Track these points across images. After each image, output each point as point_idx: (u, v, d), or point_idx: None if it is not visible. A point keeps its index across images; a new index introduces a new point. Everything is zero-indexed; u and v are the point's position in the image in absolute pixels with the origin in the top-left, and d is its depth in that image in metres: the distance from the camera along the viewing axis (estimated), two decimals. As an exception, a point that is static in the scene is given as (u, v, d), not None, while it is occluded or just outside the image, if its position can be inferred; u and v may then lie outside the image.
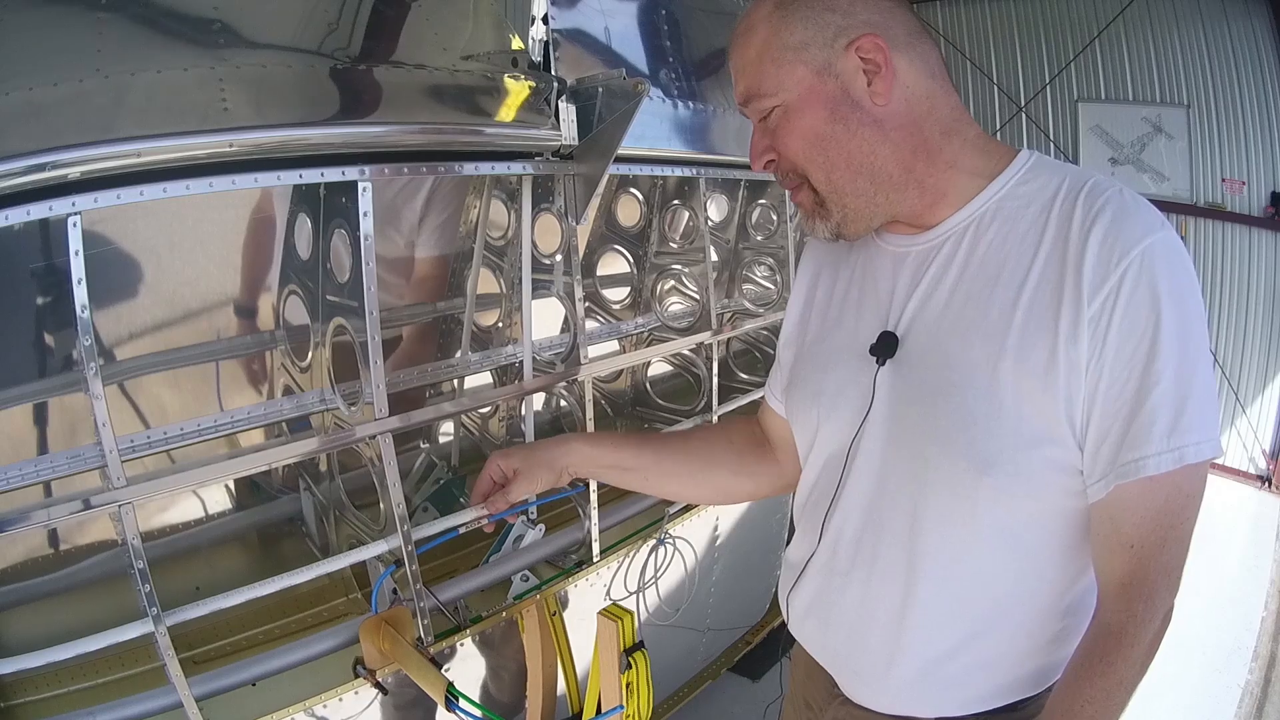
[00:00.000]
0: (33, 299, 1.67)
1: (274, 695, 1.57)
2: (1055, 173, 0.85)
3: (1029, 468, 0.81)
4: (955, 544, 0.86)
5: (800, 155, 0.86)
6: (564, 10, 1.88)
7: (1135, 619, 0.79)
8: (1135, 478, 0.77)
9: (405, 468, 2.31)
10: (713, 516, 2.51)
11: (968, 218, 0.87)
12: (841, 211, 0.88)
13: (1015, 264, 0.82)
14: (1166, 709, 2.85)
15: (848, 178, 0.86)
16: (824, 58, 0.83)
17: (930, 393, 0.86)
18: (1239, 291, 4.80)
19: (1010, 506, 0.84)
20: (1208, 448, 0.77)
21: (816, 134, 0.84)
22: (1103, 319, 0.77)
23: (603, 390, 3.06)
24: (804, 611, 1.04)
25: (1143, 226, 0.77)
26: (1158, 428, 0.76)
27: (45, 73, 1.18)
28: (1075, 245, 0.78)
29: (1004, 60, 5.42)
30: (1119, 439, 0.78)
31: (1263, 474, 4.87)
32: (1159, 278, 0.75)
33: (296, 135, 1.36)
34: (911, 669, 0.92)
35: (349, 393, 1.79)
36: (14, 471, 1.65)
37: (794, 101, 0.84)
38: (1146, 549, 0.79)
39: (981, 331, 0.82)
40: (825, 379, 0.98)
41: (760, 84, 0.85)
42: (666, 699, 2.72)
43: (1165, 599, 0.81)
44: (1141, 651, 0.80)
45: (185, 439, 1.87)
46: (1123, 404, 0.77)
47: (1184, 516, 0.79)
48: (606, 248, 2.97)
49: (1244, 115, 4.51)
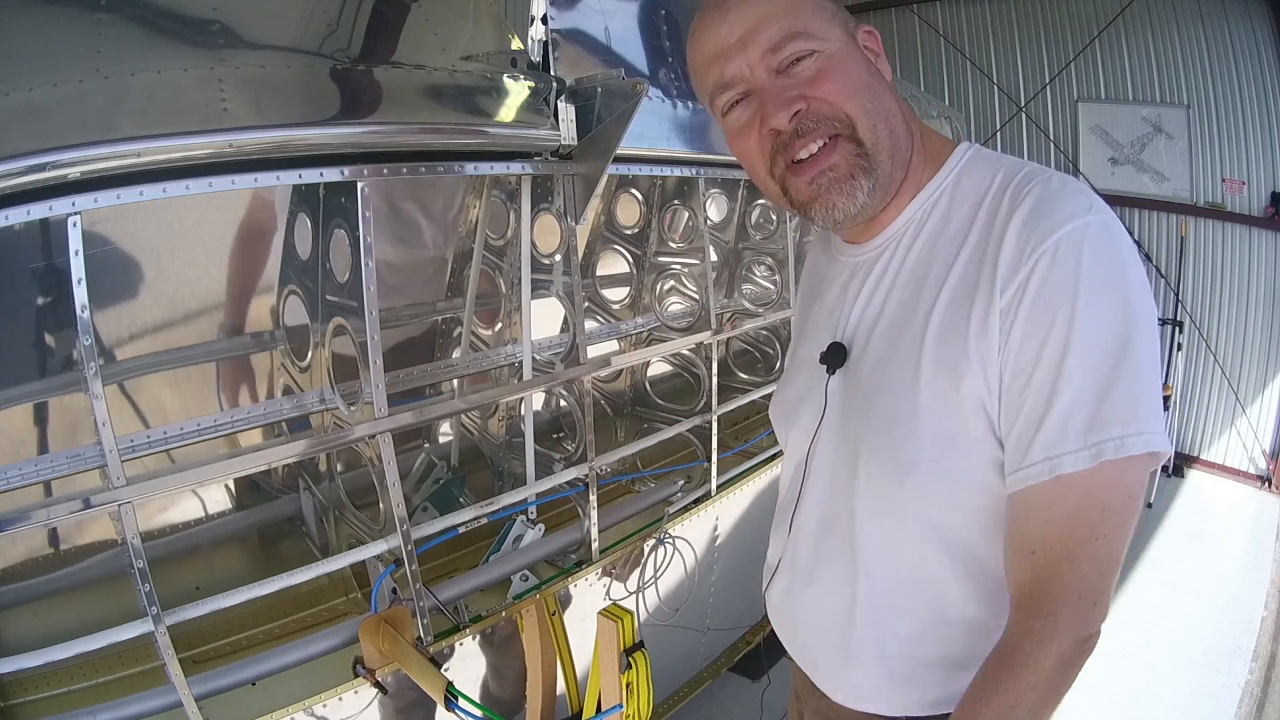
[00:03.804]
0: (33, 299, 1.67)
1: (274, 695, 1.58)
2: (991, 166, 0.84)
3: (950, 468, 0.80)
4: (890, 543, 0.87)
5: (850, 100, 0.81)
6: (563, 10, 1.88)
7: (1032, 637, 0.72)
8: (1044, 479, 0.72)
9: (405, 468, 2.32)
10: (713, 516, 2.51)
11: (904, 222, 0.88)
12: (876, 169, 0.83)
13: (941, 264, 0.82)
14: (1166, 709, 2.86)
15: (885, 131, 0.83)
16: (849, 29, 0.85)
17: (865, 398, 0.88)
18: (1239, 291, 4.79)
19: (939, 506, 0.83)
20: (1133, 442, 0.69)
21: (865, 81, 0.82)
22: (1011, 310, 0.74)
23: (603, 390, 3.07)
24: (776, 609, 1.08)
25: (1065, 213, 0.74)
26: (1073, 423, 0.71)
27: (45, 73, 1.18)
28: (995, 239, 0.77)
29: (1004, 60, 5.42)
30: (1030, 436, 0.73)
31: (1263, 474, 4.87)
32: (1076, 264, 0.71)
33: (296, 135, 1.36)
34: (865, 664, 0.93)
35: (348, 392, 1.79)
36: (14, 471, 1.66)
37: (838, 50, 0.82)
38: (1050, 560, 0.72)
39: (907, 335, 0.83)
40: (790, 389, 1.03)
41: (806, 26, 0.81)
42: (666, 699, 2.72)
43: (1074, 623, 0.71)
44: (1039, 676, 0.71)
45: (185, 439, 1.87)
46: (1032, 399, 0.73)
47: (1101, 531, 0.71)
48: (606, 248, 2.97)
49: (1244, 115, 4.51)
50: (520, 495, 1.97)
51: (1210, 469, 5.09)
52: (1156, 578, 3.73)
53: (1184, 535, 4.31)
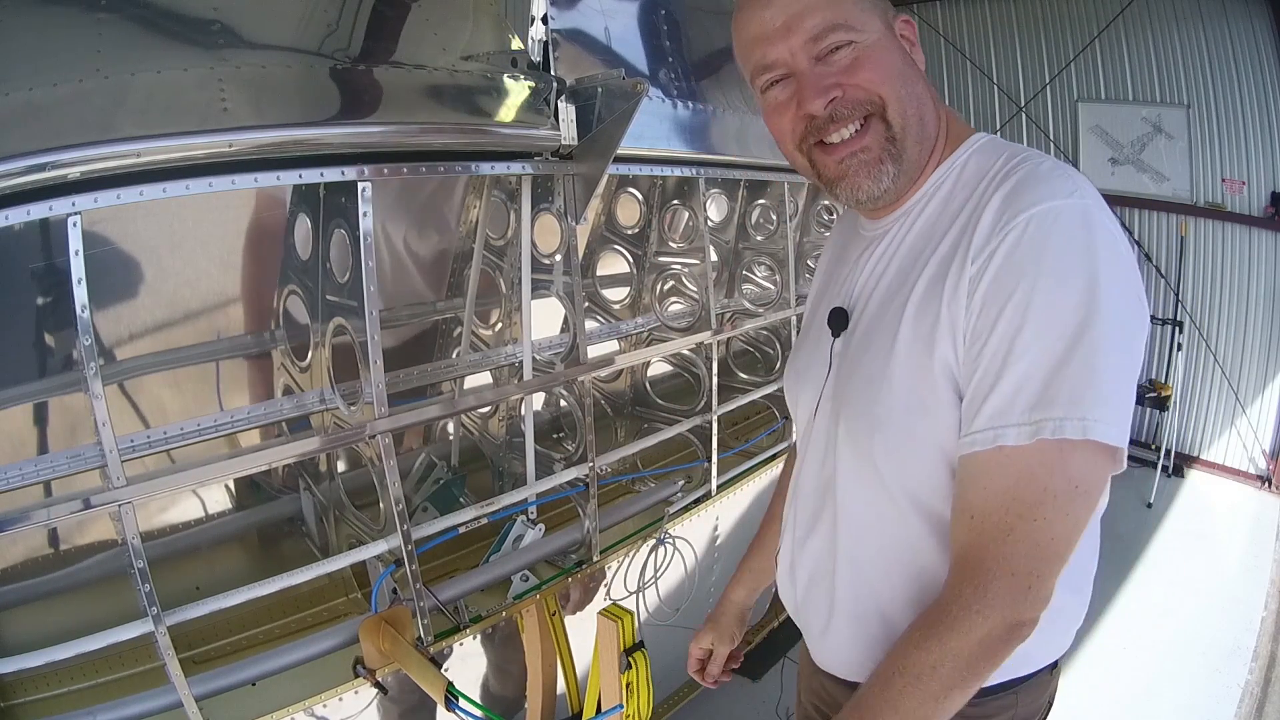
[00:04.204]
0: (33, 299, 1.67)
1: (274, 695, 1.58)
2: (997, 151, 0.87)
3: (921, 432, 0.82)
4: (867, 503, 0.90)
5: (885, 86, 0.85)
6: (563, 10, 1.88)
7: (960, 601, 0.73)
8: (986, 448, 0.74)
9: (405, 468, 2.32)
10: (713, 516, 2.51)
11: (915, 200, 0.91)
12: (903, 155, 0.87)
13: (936, 239, 0.85)
14: (1166, 709, 2.86)
15: (915, 116, 0.87)
16: (888, 19, 0.88)
17: (853, 360, 0.92)
18: (1239, 291, 4.79)
19: (911, 470, 0.84)
20: (1072, 426, 0.70)
21: (899, 69, 0.87)
22: (977, 279, 0.76)
23: (603, 390, 3.06)
24: (781, 575, 1.11)
25: (1043, 192, 0.76)
26: (1020, 398, 0.72)
27: (45, 73, 1.18)
28: (977, 213, 0.80)
29: (1004, 60, 5.42)
30: (978, 404, 0.75)
31: (1263, 474, 4.87)
32: (1043, 244, 0.73)
33: (296, 135, 1.36)
34: (843, 626, 0.95)
35: (348, 393, 1.79)
36: (14, 471, 1.66)
37: (876, 40, 0.86)
38: (987, 528, 0.73)
39: (895, 302, 0.87)
40: (800, 354, 1.07)
41: (845, 17, 0.84)
42: (666, 699, 2.72)
43: (1005, 598, 0.71)
44: (963, 645, 0.72)
45: (185, 439, 1.87)
46: (984, 367, 0.75)
47: (1040, 513, 0.72)
48: (606, 248, 2.97)
49: (1244, 115, 4.51)
50: (520, 495, 1.97)
51: (1210, 469, 5.08)
52: (1156, 578, 3.73)
53: (1184, 535, 4.30)
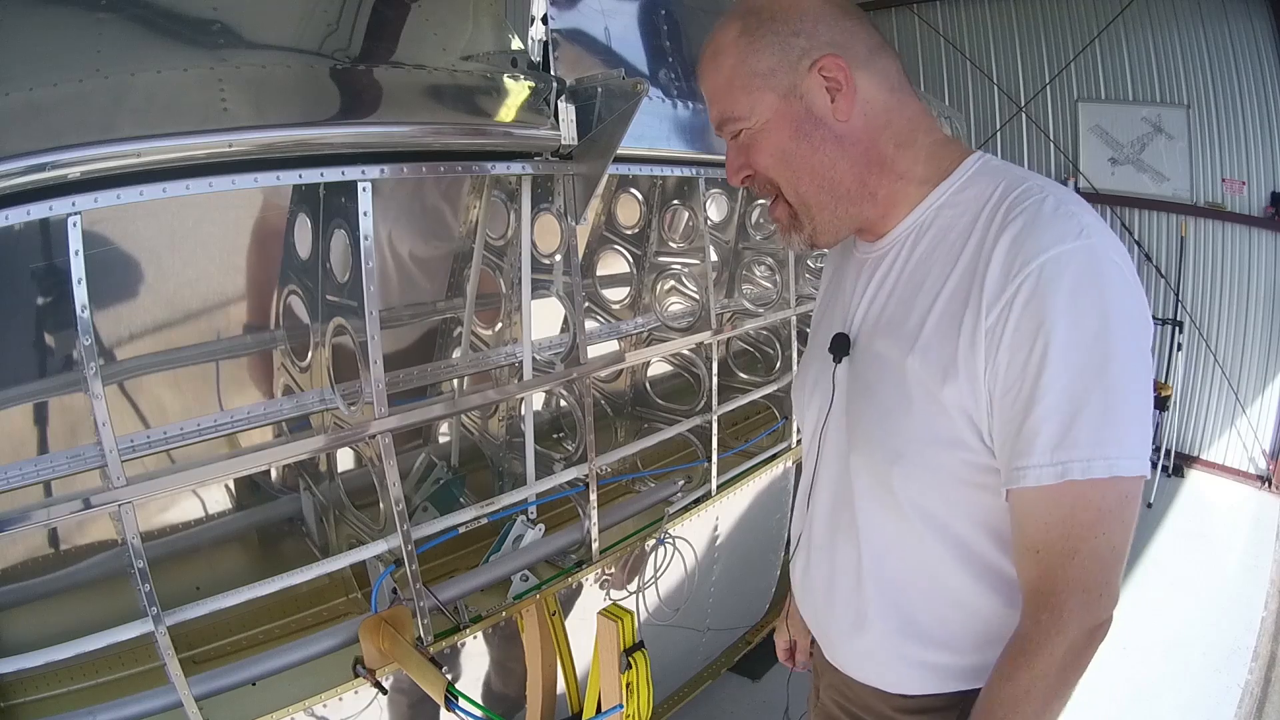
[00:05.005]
0: (33, 299, 1.67)
1: (274, 695, 1.58)
2: (995, 178, 0.87)
3: (936, 462, 0.86)
4: (887, 522, 0.93)
5: (771, 170, 0.91)
6: (563, 10, 1.88)
7: (1040, 628, 0.79)
8: (1020, 485, 0.79)
9: (405, 468, 2.32)
10: (713, 516, 2.51)
11: (910, 226, 0.92)
12: (812, 223, 0.93)
13: (939, 271, 0.87)
14: (1166, 709, 2.86)
15: (812, 191, 0.91)
16: (789, 81, 0.87)
17: (863, 388, 0.95)
18: (1239, 291, 4.79)
19: (927, 495, 0.88)
20: (1098, 466, 0.75)
21: (784, 151, 0.90)
22: (997, 330, 0.79)
23: (603, 390, 3.06)
24: (798, 584, 1.15)
25: (1050, 238, 0.77)
26: (1041, 440, 0.76)
27: (45, 73, 1.18)
28: (985, 255, 0.81)
29: (1004, 60, 5.42)
30: (1011, 447, 0.80)
31: (1263, 474, 4.87)
32: (1056, 291, 0.75)
33: (296, 135, 1.36)
34: (866, 637, 0.99)
35: (348, 392, 1.79)
36: (14, 471, 1.66)
37: (765, 124, 0.89)
38: (1053, 558, 0.79)
39: (901, 333, 0.89)
40: (806, 375, 1.11)
41: (732, 109, 0.90)
42: (666, 699, 2.72)
43: (1080, 613, 0.78)
44: (1050, 663, 0.79)
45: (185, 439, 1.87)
46: (1014, 414, 0.79)
47: (1098, 530, 0.77)
48: (606, 248, 2.97)
49: (1244, 115, 4.51)
50: (520, 495, 1.97)
51: (1210, 469, 5.09)
52: (1156, 578, 3.73)
53: (1184, 535, 4.31)
